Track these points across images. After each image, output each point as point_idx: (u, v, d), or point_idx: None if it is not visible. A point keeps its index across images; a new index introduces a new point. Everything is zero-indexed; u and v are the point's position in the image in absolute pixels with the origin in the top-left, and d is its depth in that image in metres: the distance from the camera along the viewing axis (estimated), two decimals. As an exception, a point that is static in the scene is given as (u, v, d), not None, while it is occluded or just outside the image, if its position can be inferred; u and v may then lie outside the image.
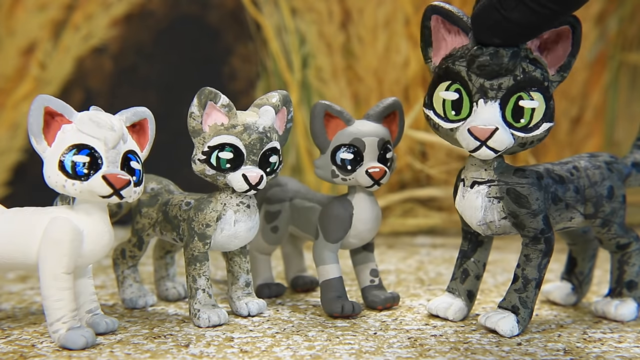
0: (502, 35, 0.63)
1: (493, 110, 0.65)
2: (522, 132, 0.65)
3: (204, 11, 1.30)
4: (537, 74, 0.65)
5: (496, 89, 0.64)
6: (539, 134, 0.65)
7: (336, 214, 0.74)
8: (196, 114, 0.69)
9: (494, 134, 0.64)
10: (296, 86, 1.26)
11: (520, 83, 0.64)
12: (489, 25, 0.63)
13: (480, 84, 0.65)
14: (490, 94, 0.65)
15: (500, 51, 0.64)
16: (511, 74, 0.64)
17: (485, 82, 0.65)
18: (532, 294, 0.68)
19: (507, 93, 0.64)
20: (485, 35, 0.64)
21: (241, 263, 0.74)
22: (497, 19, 0.62)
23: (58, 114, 0.63)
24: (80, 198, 0.64)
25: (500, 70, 0.64)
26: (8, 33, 1.25)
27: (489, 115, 0.65)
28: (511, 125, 0.65)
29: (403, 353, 0.63)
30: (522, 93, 0.65)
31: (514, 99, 0.65)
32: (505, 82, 0.64)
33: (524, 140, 0.65)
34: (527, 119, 0.65)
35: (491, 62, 0.64)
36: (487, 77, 0.64)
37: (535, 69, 0.65)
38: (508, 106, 0.65)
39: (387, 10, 1.24)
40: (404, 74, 1.26)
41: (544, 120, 0.65)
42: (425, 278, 0.92)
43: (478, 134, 0.64)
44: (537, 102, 0.65)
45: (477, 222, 0.68)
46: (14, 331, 0.69)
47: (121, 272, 0.78)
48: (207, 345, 0.65)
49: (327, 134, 0.74)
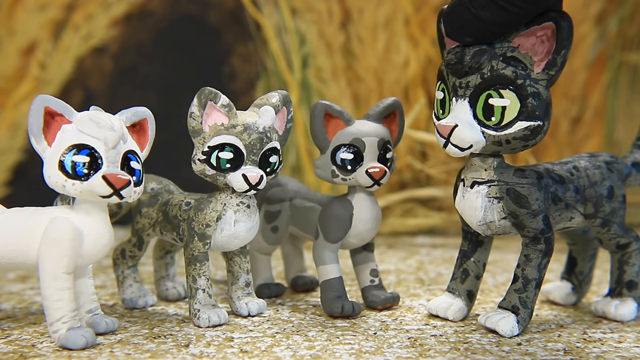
0: (473, 34, 0.64)
1: (462, 108, 0.65)
2: (493, 130, 0.65)
3: (204, 11, 1.30)
4: (508, 72, 0.64)
5: (464, 87, 0.65)
6: (513, 132, 0.65)
7: (336, 214, 0.74)
8: (196, 114, 0.69)
9: (453, 131, 0.65)
10: (296, 86, 1.26)
11: (488, 81, 0.64)
12: (460, 24, 0.64)
13: (452, 82, 0.66)
14: (459, 92, 0.65)
15: (465, 50, 0.64)
16: (478, 72, 0.64)
17: (456, 81, 0.65)
18: (532, 294, 0.68)
19: (474, 91, 0.65)
20: (457, 33, 0.65)
21: (241, 263, 0.74)
22: (467, 18, 0.63)
23: (58, 114, 0.63)
24: (80, 198, 0.64)
25: (463, 68, 0.64)
26: (8, 33, 1.25)
27: (456, 113, 0.66)
28: (482, 123, 0.65)
29: (403, 353, 0.63)
30: (490, 91, 0.64)
31: (484, 97, 0.65)
32: (472, 80, 0.65)
33: (497, 139, 0.65)
34: (497, 117, 0.65)
35: (455, 60, 0.65)
36: (456, 75, 0.65)
37: (507, 66, 0.64)
38: (478, 104, 0.65)
39: (387, 10, 1.24)
40: (404, 74, 1.26)
41: (519, 119, 0.64)
42: (425, 278, 0.92)
43: (440, 131, 0.66)
44: (507, 101, 0.64)
45: (477, 222, 0.68)
46: (14, 331, 0.69)
47: (121, 272, 0.78)
48: (207, 345, 0.65)
49: (327, 134, 0.74)
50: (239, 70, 1.31)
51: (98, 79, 1.29)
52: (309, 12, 1.26)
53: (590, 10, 1.25)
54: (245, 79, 1.31)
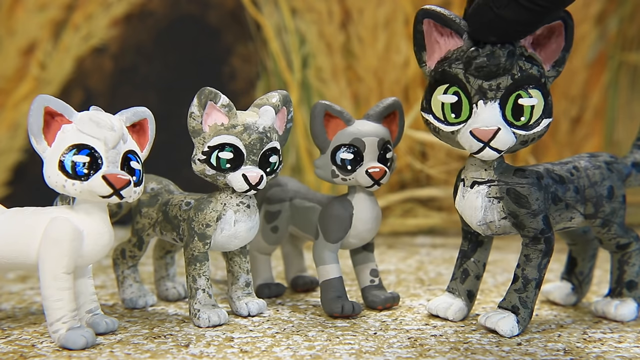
0: (497, 33, 0.64)
1: (493, 110, 0.65)
2: (523, 130, 0.65)
3: (204, 11, 1.30)
4: (534, 71, 0.65)
5: (495, 89, 0.65)
6: (540, 131, 0.66)
7: (336, 214, 0.74)
8: (196, 114, 0.69)
9: (497, 134, 0.64)
10: (296, 86, 1.26)
11: (518, 82, 0.65)
12: (484, 23, 0.64)
13: (478, 85, 0.65)
14: (489, 95, 0.65)
15: (497, 51, 0.64)
16: (509, 73, 0.64)
17: (484, 83, 0.65)
18: (532, 294, 0.68)
19: (506, 92, 0.65)
20: (481, 33, 0.65)
21: (241, 263, 0.74)
22: (490, 17, 0.63)
23: (58, 114, 0.63)
24: (80, 198, 0.64)
25: (498, 70, 0.64)
26: (8, 33, 1.25)
27: (489, 115, 0.65)
28: (512, 124, 0.65)
29: (403, 353, 0.63)
30: (520, 91, 0.65)
31: (513, 98, 0.65)
32: (504, 81, 0.64)
33: (525, 138, 0.66)
34: (527, 117, 0.65)
35: (489, 62, 0.64)
36: (485, 78, 0.65)
37: (532, 66, 0.65)
38: (507, 105, 0.65)
39: (387, 10, 1.24)
40: (404, 74, 1.26)
41: (544, 117, 0.66)
42: (425, 278, 0.92)
43: (481, 136, 0.64)
44: (536, 100, 0.65)
45: (477, 222, 0.68)
46: (14, 331, 0.69)
47: (121, 272, 0.78)
48: (207, 345, 0.65)
49: (327, 134, 0.74)
50: (239, 70, 1.31)
51: (98, 79, 1.29)
52: (309, 12, 1.26)
53: (590, 10, 1.25)
54: (245, 79, 1.31)
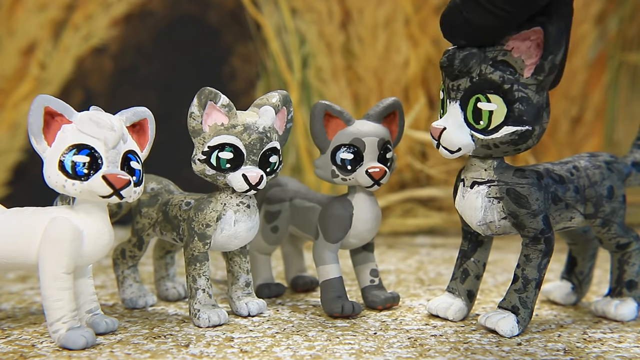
0: (466, 37, 0.65)
1: (454, 110, 0.66)
2: (481, 134, 0.65)
3: (204, 11, 1.30)
4: (495, 77, 0.64)
5: (456, 90, 0.65)
6: (500, 137, 0.65)
7: (336, 214, 0.74)
8: (196, 114, 0.69)
9: (442, 133, 0.65)
10: (296, 86, 1.26)
11: (476, 85, 0.64)
12: (453, 27, 0.65)
13: (447, 84, 0.66)
14: (452, 95, 0.66)
15: (456, 53, 0.65)
16: (468, 76, 0.65)
17: (449, 83, 0.66)
18: (532, 294, 0.68)
19: (464, 94, 0.65)
20: (451, 36, 0.66)
21: (241, 263, 0.74)
22: (459, 21, 0.64)
23: (58, 114, 0.63)
24: (80, 198, 0.64)
25: (453, 71, 0.65)
26: (8, 33, 1.25)
27: (448, 115, 0.66)
28: (472, 127, 0.65)
29: (403, 353, 0.63)
30: (479, 95, 0.65)
31: (473, 101, 0.65)
32: (463, 83, 0.65)
33: (485, 142, 0.65)
34: (485, 122, 0.65)
35: (447, 62, 0.65)
36: (449, 78, 0.66)
37: (495, 71, 0.64)
38: (468, 107, 0.65)
39: (387, 10, 1.24)
40: (404, 74, 1.26)
41: (506, 124, 0.64)
42: (425, 278, 0.92)
43: (432, 133, 0.67)
44: (495, 105, 0.64)
45: (477, 222, 0.68)
46: (14, 331, 0.69)
47: (121, 272, 0.78)
48: (207, 345, 0.65)
49: (327, 134, 0.74)
50: (239, 70, 1.31)
51: (98, 79, 1.29)
52: (309, 12, 1.26)
53: (590, 10, 1.25)
54: (245, 79, 1.31)
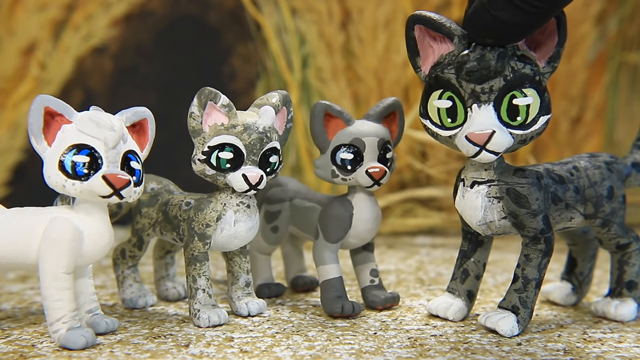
0: (494, 35, 0.63)
1: (487, 113, 0.65)
2: (520, 129, 0.65)
3: (204, 11, 1.30)
4: (527, 70, 0.64)
5: (488, 92, 0.64)
6: (538, 128, 0.66)
7: (336, 214, 0.74)
8: (196, 114, 0.69)
9: (492, 137, 0.64)
10: (296, 86, 1.26)
11: (511, 82, 0.64)
12: (481, 26, 0.63)
13: (471, 89, 0.65)
14: (482, 98, 0.65)
15: (487, 54, 0.64)
16: (500, 75, 0.64)
17: (476, 87, 0.65)
18: (532, 294, 0.68)
19: (499, 94, 0.64)
20: (479, 36, 0.64)
21: (241, 263, 0.74)
22: (488, 20, 0.63)
23: (58, 114, 0.63)
24: (80, 198, 0.64)
25: (489, 73, 0.64)
26: (8, 33, 1.25)
27: (484, 119, 0.65)
28: (508, 125, 0.65)
29: (403, 353, 0.63)
30: (514, 92, 0.65)
31: (507, 99, 0.65)
32: (496, 84, 0.64)
33: (523, 137, 0.65)
34: (523, 116, 0.65)
35: (479, 66, 0.64)
36: (477, 81, 0.64)
37: (524, 65, 0.64)
38: (502, 107, 0.65)
39: (387, 10, 1.24)
40: (404, 74, 1.26)
41: (541, 114, 0.65)
42: (425, 278, 0.92)
43: (476, 140, 0.64)
44: (531, 98, 0.65)
45: (477, 222, 0.68)
46: (14, 331, 0.69)
47: (121, 272, 0.78)
48: (207, 345, 0.65)
49: (327, 134, 0.74)
50: (239, 70, 1.31)
51: (98, 79, 1.29)
52: (309, 12, 1.26)
53: (590, 10, 1.25)
54: (245, 79, 1.31)
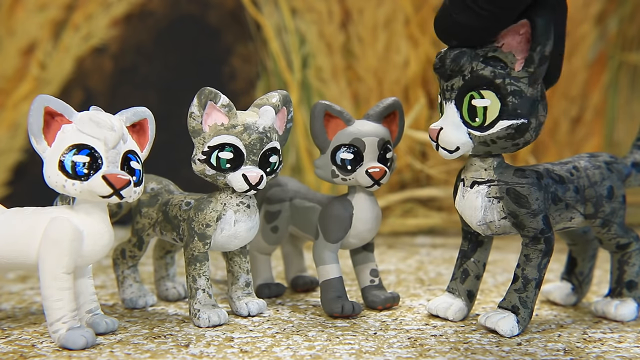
0: (457, 37, 0.65)
1: (450, 110, 0.66)
2: (478, 130, 0.65)
3: (204, 11, 1.30)
4: (486, 72, 0.64)
5: (450, 90, 0.66)
6: (496, 132, 0.65)
7: (336, 214, 0.74)
8: (196, 114, 0.69)
9: (439, 133, 0.66)
10: (296, 86, 1.26)
11: (468, 82, 0.65)
12: (444, 28, 0.65)
13: (442, 86, 0.67)
14: (446, 95, 0.66)
15: (447, 53, 0.65)
16: (460, 75, 0.65)
17: (443, 84, 0.67)
18: (532, 293, 0.68)
19: (459, 93, 0.65)
20: (443, 37, 0.66)
21: (241, 263, 0.74)
22: (449, 22, 0.64)
23: (58, 114, 0.63)
24: (80, 198, 0.64)
25: (445, 71, 0.65)
26: (8, 33, 1.25)
27: (444, 115, 0.67)
28: (468, 125, 0.66)
29: (403, 353, 0.63)
30: (472, 92, 0.65)
31: (467, 99, 0.65)
32: (456, 82, 0.66)
33: (482, 139, 0.66)
34: (480, 118, 0.65)
35: (439, 64, 0.66)
36: (443, 78, 0.66)
37: (485, 67, 0.64)
38: (463, 106, 0.66)
39: (387, 10, 1.24)
40: (404, 74, 1.26)
41: (501, 118, 0.64)
42: (425, 278, 0.92)
43: (430, 134, 0.67)
44: (488, 101, 0.64)
45: (477, 222, 0.68)
46: (14, 331, 0.69)
47: (121, 272, 0.78)
48: (207, 345, 0.65)
49: (327, 134, 0.74)
50: (239, 70, 1.31)
51: (98, 79, 1.29)
52: (309, 12, 1.26)
53: (590, 10, 1.25)
54: (245, 79, 1.31)
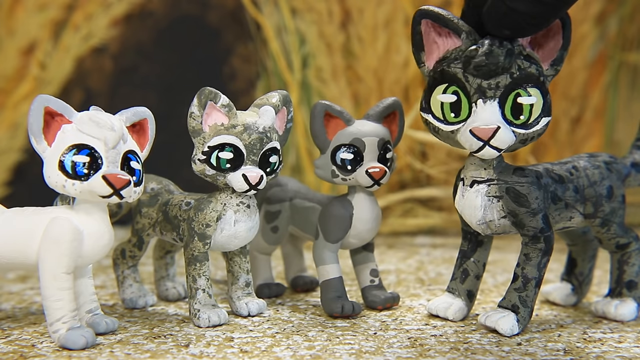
0: (511, 27, 0.64)
1: (493, 109, 0.65)
2: (522, 128, 0.66)
3: (204, 11, 1.30)
4: (533, 70, 0.65)
5: (494, 88, 0.65)
6: (539, 129, 0.66)
7: (336, 214, 0.74)
8: (196, 114, 0.69)
9: (496, 133, 0.64)
10: (296, 86, 1.26)
11: (517, 80, 0.65)
12: (497, 17, 0.63)
13: (477, 84, 0.65)
14: (488, 94, 0.65)
15: (495, 50, 0.64)
16: (507, 72, 0.65)
17: (483, 82, 0.65)
18: (532, 293, 0.68)
19: (505, 91, 0.65)
20: (495, 27, 0.64)
21: (241, 263, 0.74)
22: (503, 11, 0.63)
23: (58, 114, 0.63)
24: (80, 198, 0.64)
25: (497, 69, 0.64)
26: (8, 33, 1.25)
27: (489, 114, 0.65)
28: (511, 123, 0.65)
29: (403, 353, 0.63)
30: (519, 90, 0.65)
31: (512, 97, 0.65)
32: (503, 80, 0.65)
33: (524, 137, 0.66)
34: (526, 115, 0.65)
35: (487, 61, 0.64)
36: (484, 77, 0.65)
37: (531, 65, 0.65)
38: (507, 104, 0.65)
39: (387, 10, 1.24)
40: (404, 74, 1.26)
41: (543, 115, 0.66)
42: (425, 278, 0.92)
43: (480, 134, 0.65)
44: (535, 98, 0.65)
45: (476, 222, 0.68)
46: (14, 331, 0.69)
47: (121, 272, 0.78)
48: (207, 345, 0.65)
49: (327, 134, 0.74)
50: (239, 70, 1.31)
51: (98, 79, 1.29)
52: (309, 12, 1.26)
53: (590, 10, 1.25)
54: (245, 79, 1.31)
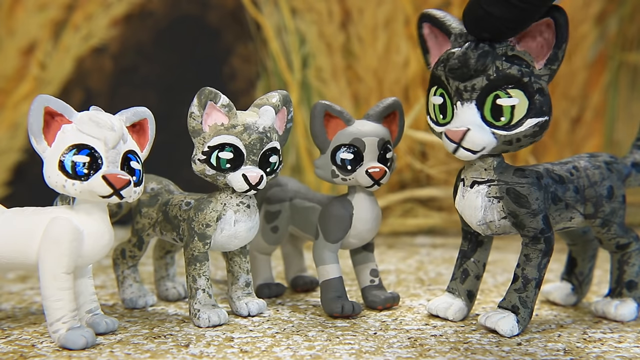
0: (489, 30, 0.64)
1: (469, 111, 0.65)
2: (503, 130, 0.65)
3: (204, 11, 1.30)
4: (513, 71, 0.64)
5: (470, 90, 0.65)
6: (524, 130, 0.65)
7: (336, 214, 0.74)
8: (196, 114, 0.69)
9: (465, 135, 0.64)
10: (296, 86, 1.26)
11: (494, 82, 0.64)
12: (475, 21, 0.64)
13: (455, 86, 0.65)
14: (465, 96, 0.65)
15: (468, 53, 0.64)
16: (483, 74, 0.64)
17: (460, 85, 0.65)
18: (532, 293, 0.68)
19: (481, 93, 0.64)
20: (474, 30, 0.65)
21: (241, 263, 0.74)
22: (480, 14, 0.63)
23: (58, 114, 0.63)
24: (80, 198, 0.64)
25: (469, 72, 0.64)
26: (8, 33, 1.25)
27: (463, 116, 0.65)
28: (491, 125, 0.65)
29: (403, 353, 0.63)
30: (498, 92, 0.64)
31: (491, 98, 0.65)
32: (479, 82, 0.64)
33: (507, 138, 0.65)
34: (507, 117, 0.65)
35: (460, 65, 0.64)
36: (460, 79, 0.65)
37: (511, 66, 0.64)
38: (485, 106, 0.65)
39: (387, 10, 1.24)
40: (404, 74, 1.26)
41: (529, 116, 0.65)
42: (425, 278, 0.92)
43: (452, 137, 0.65)
44: (516, 100, 0.64)
45: (477, 222, 0.68)
46: (14, 331, 0.69)
47: (121, 272, 0.78)
48: (207, 345, 0.65)
49: (327, 134, 0.74)
50: (239, 70, 1.31)
51: (98, 79, 1.29)
52: (309, 12, 1.26)
53: (590, 10, 1.25)
54: (245, 79, 1.31)
